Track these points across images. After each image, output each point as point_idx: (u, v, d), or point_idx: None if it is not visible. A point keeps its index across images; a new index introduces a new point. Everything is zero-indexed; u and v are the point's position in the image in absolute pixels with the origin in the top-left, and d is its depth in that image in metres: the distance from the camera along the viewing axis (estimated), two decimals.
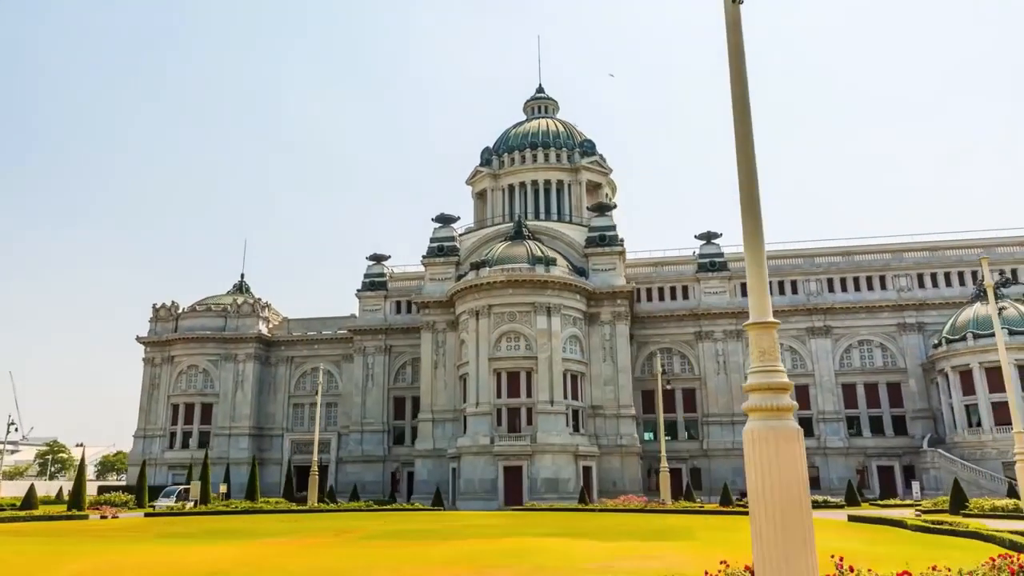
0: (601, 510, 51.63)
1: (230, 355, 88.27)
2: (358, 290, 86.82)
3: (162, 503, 59.25)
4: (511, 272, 67.37)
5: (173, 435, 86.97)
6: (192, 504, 61.32)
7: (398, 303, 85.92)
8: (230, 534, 33.47)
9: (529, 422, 64.95)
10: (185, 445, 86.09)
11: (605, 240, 73.68)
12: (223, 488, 68.02)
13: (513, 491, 62.68)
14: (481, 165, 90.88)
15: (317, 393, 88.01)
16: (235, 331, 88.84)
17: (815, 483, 72.91)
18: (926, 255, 78.46)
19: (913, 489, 65.91)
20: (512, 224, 76.38)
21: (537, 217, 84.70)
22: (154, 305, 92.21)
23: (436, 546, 27.12)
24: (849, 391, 76.00)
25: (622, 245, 73.66)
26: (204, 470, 61.91)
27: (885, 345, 76.37)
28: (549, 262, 69.04)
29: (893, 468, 72.77)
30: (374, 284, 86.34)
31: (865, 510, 49.68)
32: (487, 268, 68.57)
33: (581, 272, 72.11)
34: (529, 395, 65.40)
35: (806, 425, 75.55)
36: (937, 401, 72.87)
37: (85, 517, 49.05)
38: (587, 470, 65.10)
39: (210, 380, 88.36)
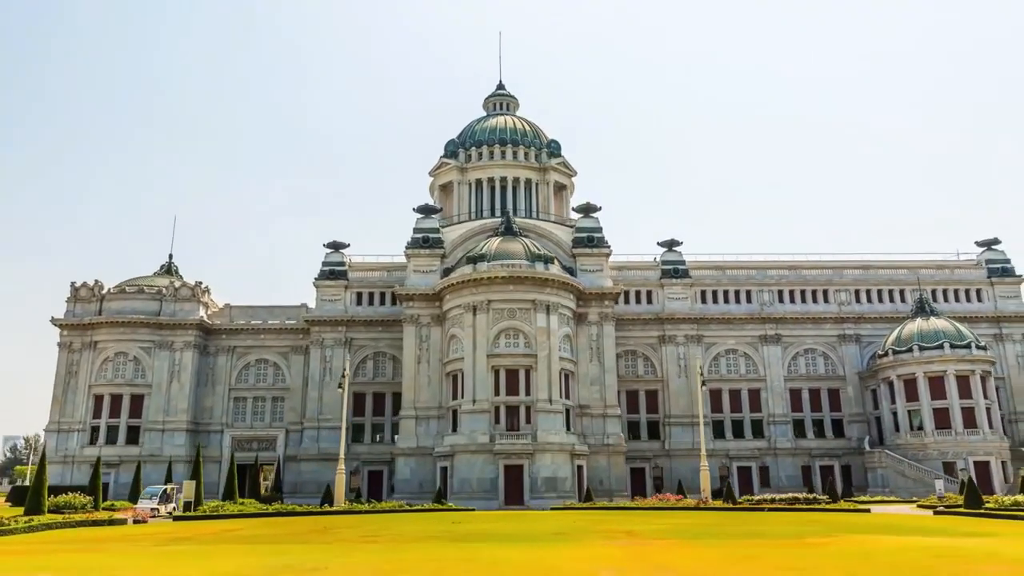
0: (657, 509, 52.42)
1: (165, 342, 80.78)
2: (316, 278, 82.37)
3: (144, 505, 53.20)
4: (513, 268, 66.78)
5: (96, 429, 78.29)
6: (175, 507, 55.66)
7: (359, 294, 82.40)
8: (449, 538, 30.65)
9: (527, 420, 64.70)
10: (111, 440, 77.79)
11: (593, 241, 74.80)
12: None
13: (514, 490, 62.23)
14: (446, 157, 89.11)
15: (263, 386, 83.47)
16: (172, 316, 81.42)
17: (765, 481, 78.28)
18: (862, 273, 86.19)
19: (869, 486, 72.37)
20: (501, 219, 75.60)
21: (503, 214, 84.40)
22: (73, 284, 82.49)
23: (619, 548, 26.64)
24: (796, 396, 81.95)
25: (609, 247, 75.06)
26: (196, 468, 56.31)
27: (827, 354, 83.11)
28: (548, 260, 69.18)
29: (833, 467, 79.23)
30: (334, 273, 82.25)
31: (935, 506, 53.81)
32: (485, 263, 67.50)
33: (570, 272, 72.74)
34: (528, 393, 65.14)
35: (758, 427, 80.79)
36: (872, 406, 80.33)
37: (124, 521, 43.29)
38: (579, 469, 65.86)
39: (141, 369, 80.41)
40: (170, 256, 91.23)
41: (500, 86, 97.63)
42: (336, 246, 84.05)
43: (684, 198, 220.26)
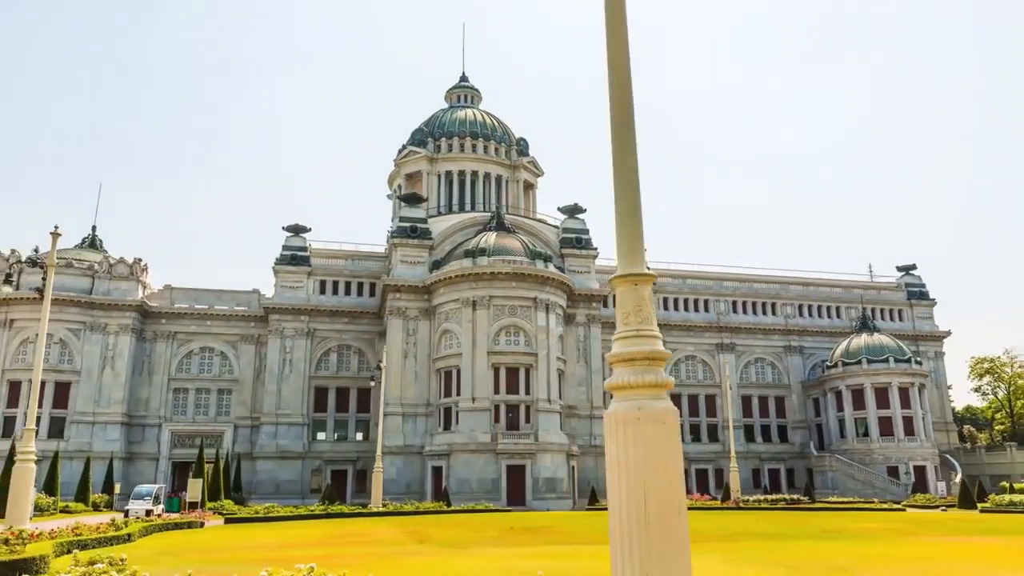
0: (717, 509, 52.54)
1: (98, 324, 71.79)
2: (276, 263, 76.34)
3: (137, 507, 46.54)
4: (516, 265, 65.12)
5: (10, 420, 68.03)
6: (163, 509, 49.21)
7: (323, 282, 77.27)
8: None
9: (527, 420, 63.17)
10: None
11: (581, 243, 74.52)
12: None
13: (516, 491, 60.47)
14: (414, 146, 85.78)
15: (208, 377, 76.52)
16: (106, 295, 72.48)
17: (720, 483, 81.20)
18: (803, 289, 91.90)
19: (818, 488, 76.78)
20: (491, 213, 73.45)
21: (475, 209, 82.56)
22: None
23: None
24: (747, 402, 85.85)
25: (596, 249, 75.08)
26: (199, 464, 50.01)
27: (775, 363, 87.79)
28: (547, 258, 68.14)
29: (779, 470, 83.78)
30: (296, 258, 76.61)
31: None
32: (485, 257, 65.37)
33: (561, 271, 72.03)
34: (527, 392, 63.63)
35: (713, 431, 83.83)
36: (814, 414, 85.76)
37: (200, 524, 37.39)
38: (573, 470, 65.24)
39: (68, 354, 71.01)
40: (93, 228, 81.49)
41: (463, 78, 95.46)
42: (297, 230, 78.37)
43: (646, 207, 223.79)
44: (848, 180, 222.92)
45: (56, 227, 25.87)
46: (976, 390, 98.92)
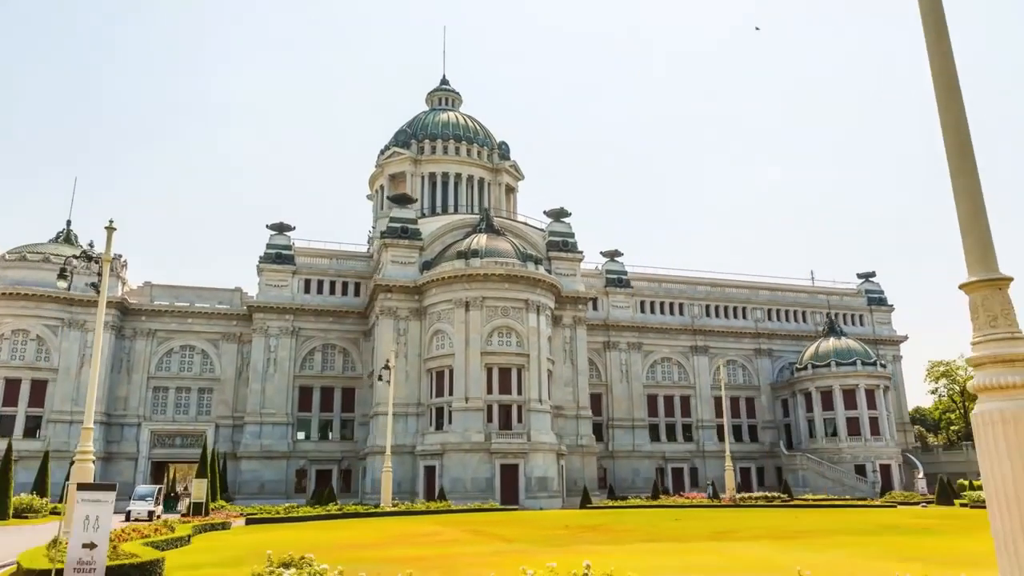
0: (684, 507, 54.27)
1: (76, 321, 70.18)
2: (260, 261, 75.80)
3: (139, 508, 45.84)
4: (509, 267, 66.13)
5: None
6: (162, 510, 48.66)
7: (307, 281, 76.99)
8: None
9: (519, 420, 64.20)
10: (5, 432, 65.78)
11: (567, 246, 75.94)
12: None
13: (509, 490, 61.31)
14: (399, 147, 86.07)
15: (188, 375, 75.53)
16: (85, 292, 70.73)
17: (695, 481, 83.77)
18: (771, 295, 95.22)
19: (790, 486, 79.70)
20: (480, 215, 74.28)
21: (458, 211, 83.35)
22: None
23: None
24: (719, 403, 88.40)
25: (581, 253, 76.60)
26: (212, 464, 49.31)
27: (746, 365, 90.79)
28: (537, 261, 69.30)
29: (750, 469, 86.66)
30: (281, 257, 76.19)
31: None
32: (478, 259, 66.22)
33: (548, 274, 73.26)
34: (520, 392, 64.66)
35: (688, 431, 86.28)
36: (783, 414, 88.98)
37: (227, 525, 37.08)
38: (561, 469, 66.47)
39: (46, 351, 69.23)
40: (68, 223, 79.22)
41: (444, 81, 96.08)
42: (281, 228, 77.93)
43: (620, 212, 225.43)
44: (811, 186, 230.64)
45: (111, 221, 25.61)
46: (933, 392, 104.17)
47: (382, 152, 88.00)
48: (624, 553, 21.27)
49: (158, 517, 47.79)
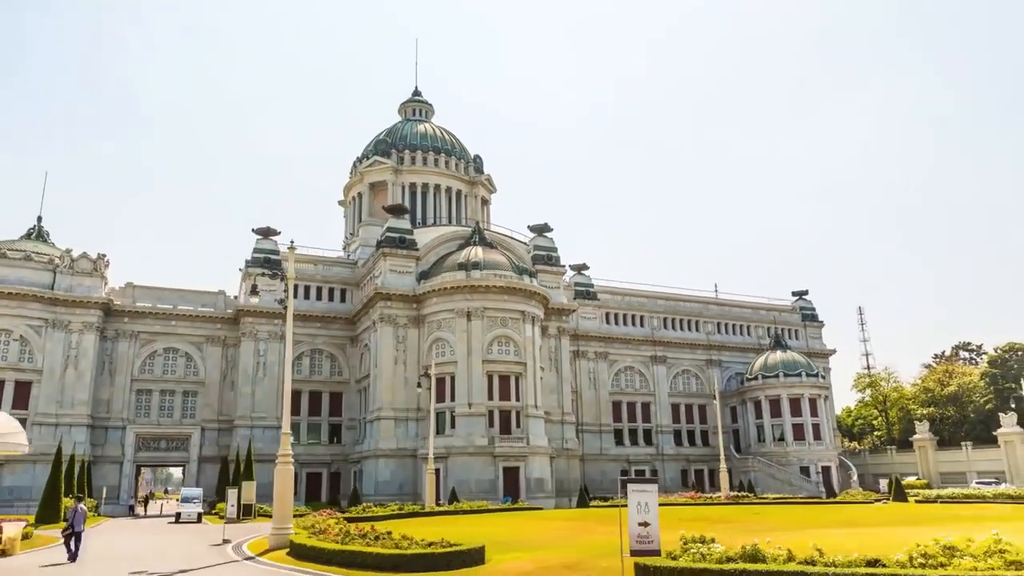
0: (691, 504, 59.12)
1: (60, 322, 68.42)
2: (248, 266, 75.98)
3: (190, 510, 46.34)
4: (508, 279, 69.51)
5: None
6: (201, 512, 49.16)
7: (295, 287, 77.43)
8: None
9: (517, 424, 67.63)
10: None
11: (552, 260, 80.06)
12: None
13: (511, 491, 64.60)
14: (379, 156, 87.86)
15: (172, 378, 74.99)
16: (69, 291, 69.16)
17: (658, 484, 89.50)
18: (720, 309, 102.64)
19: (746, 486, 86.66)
20: (471, 228, 77.23)
21: (437, 223, 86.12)
22: None
23: None
24: (676, 409, 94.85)
25: (564, 266, 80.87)
26: (248, 467, 50.01)
27: (699, 375, 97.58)
28: (532, 274, 73.01)
29: (703, 471, 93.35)
30: (269, 261, 76.48)
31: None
32: (478, 271, 69.30)
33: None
34: (518, 399, 68.12)
35: (648, 436, 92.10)
36: (732, 420, 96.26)
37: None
38: (552, 470, 70.37)
39: (29, 351, 67.17)
40: (39, 219, 76.97)
41: (416, 92, 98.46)
42: (267, 232, 78.30)
43: (581, 224, 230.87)
44: (755, 205, 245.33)
45: (292, 242, 27.52)
46: (860, 401, 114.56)
47: (360, 160, 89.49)
48: (830, 537, 24.00)
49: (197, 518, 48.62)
